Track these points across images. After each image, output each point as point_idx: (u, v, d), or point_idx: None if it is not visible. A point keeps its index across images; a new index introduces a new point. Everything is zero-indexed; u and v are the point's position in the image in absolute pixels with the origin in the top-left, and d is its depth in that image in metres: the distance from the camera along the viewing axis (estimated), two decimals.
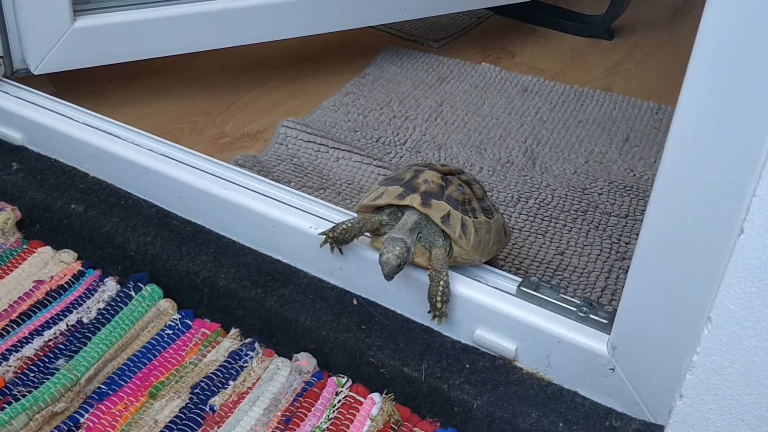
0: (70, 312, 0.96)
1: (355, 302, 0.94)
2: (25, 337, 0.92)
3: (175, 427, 0.83)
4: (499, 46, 1.84)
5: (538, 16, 1.96)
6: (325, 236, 0.92)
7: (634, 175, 1.36)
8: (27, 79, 1.29)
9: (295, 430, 0.84)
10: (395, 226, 0.88)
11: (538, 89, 1.63)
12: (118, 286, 0.99)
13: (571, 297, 0.88)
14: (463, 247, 0.88)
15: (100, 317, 0.95)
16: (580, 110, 1.57)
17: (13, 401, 0.83)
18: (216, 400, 0.86)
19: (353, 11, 1.53)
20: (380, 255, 0.84)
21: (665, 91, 1.66)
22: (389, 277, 0.84)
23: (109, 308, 0.96)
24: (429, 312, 0.89)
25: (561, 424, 0.81)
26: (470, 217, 0.90)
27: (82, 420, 0.83)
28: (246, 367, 0.91)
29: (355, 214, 0.96)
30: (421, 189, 0.90)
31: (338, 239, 0.91)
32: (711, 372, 0.70)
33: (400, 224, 0.88)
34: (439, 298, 0.86)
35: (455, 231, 0.88)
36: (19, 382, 0.86)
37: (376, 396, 0.87)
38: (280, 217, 0.99)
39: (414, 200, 0.89)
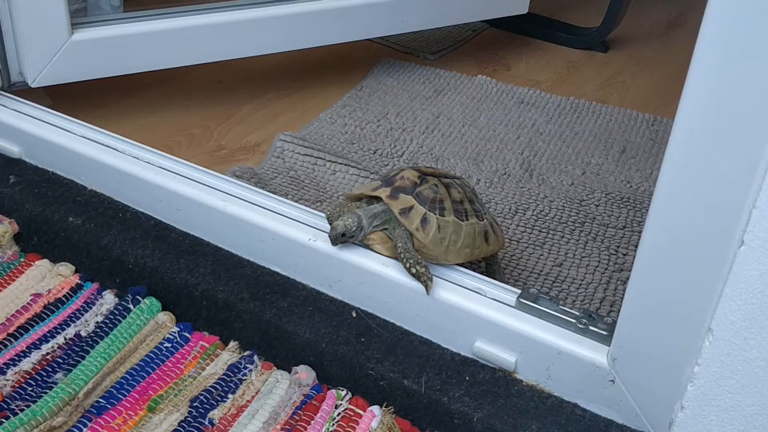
0: (68, 325, 0.95)
1: (354, 314, 0.94)
2: (22, 351, 0.91)
3: None
4: (495, 58, 1.85)
5: (533, 28, 1.97)
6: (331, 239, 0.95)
7: (631, 186, 1.36)
8: (23, 91, 1.29)
9: None
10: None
11: (534, 101, 1.64)
12: (116, 299, 0.99)
13: (571, 308, 0.88)
14: (421, 240, 0.92)
15: (98, 330, 0.94)
16: (577, 122, 1.57)
17: (11, 416, 0.82)
18: (215, 414, 0.86)
19: (350, 24, 1.54)
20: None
21: (661, 103, 1.67)
22: (331, 239, 0.93)
23: (108, 321, 0.95)
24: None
25: None
26: (436, 214, 0.93)
27: None
28: (245, 380, 0.90)
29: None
30: (395, 184, 0.95)
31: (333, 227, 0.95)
32: (712, 383, 0.70)
33: (366, 207, 0.95)
34: (406, 264, 0.90)
35: (413, 223, 0.92)
36: (17, 396, 0.85)
37: (375, 409, 0.87)
38: (279, 229, 0.99)
39: (383, 192, 0.94)
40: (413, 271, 0.90)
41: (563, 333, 0.85)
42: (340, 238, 0.93)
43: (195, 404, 0.86)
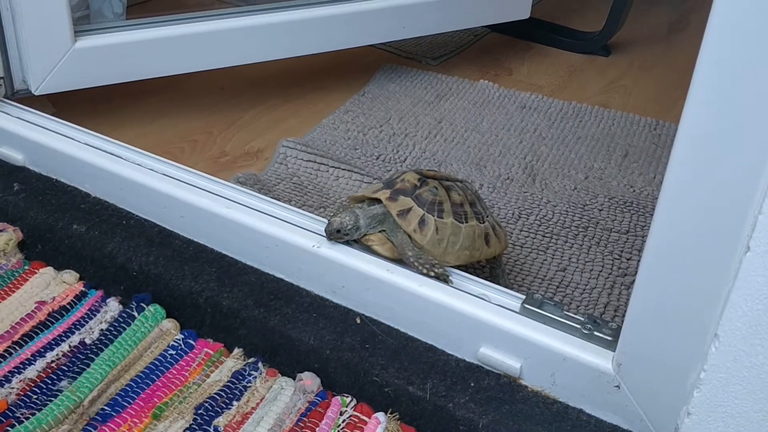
0: (73, 333, 0.95)
1: (358, 321, 0.94)
2: (27, 359, 0.91)
3: None
4: (497, 63, 1.85)
5: (535, 33, 1.97)
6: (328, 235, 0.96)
7: (634, 190, 1.36)
8: (26, 99, 1.29)
9: None
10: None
11: (536, 106, 1.64)
12: (121, 306, 0.99)
13: (575, 314, 0.88)
14: (418, 241, 0.93)
15: (102, 338, 0.94)
16: (579, 126, 1.57)
17: (16, 424, 0.82)
18: (220, 421, 0.86)
19: (353, 30, 1.54)
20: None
21: (663, 107, 1.67)
22: (327, 233, 0.95)
23: (112, 329, 0.95)
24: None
25: None
26: (434, 216, 0.94)
27: None
28: (250, 387, 0.90)
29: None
30: (396, 187, 0.97)
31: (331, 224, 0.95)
32: (719, 389, 0.70)
33: (366, 208, 0.96)
34: (422, 269, 0.92)
35: (410, 225, 0.93)
36: (22, 405, 0.85)
37: (380, 415, 0.87)
38: (283, 235, 0.99)
39: (383, 194, 0.96)
40: (431, 274, 0.91)
41: (568, 338, 0.85)
42: (334, 234, 0.94)
43: (200, 411, 0.86)
